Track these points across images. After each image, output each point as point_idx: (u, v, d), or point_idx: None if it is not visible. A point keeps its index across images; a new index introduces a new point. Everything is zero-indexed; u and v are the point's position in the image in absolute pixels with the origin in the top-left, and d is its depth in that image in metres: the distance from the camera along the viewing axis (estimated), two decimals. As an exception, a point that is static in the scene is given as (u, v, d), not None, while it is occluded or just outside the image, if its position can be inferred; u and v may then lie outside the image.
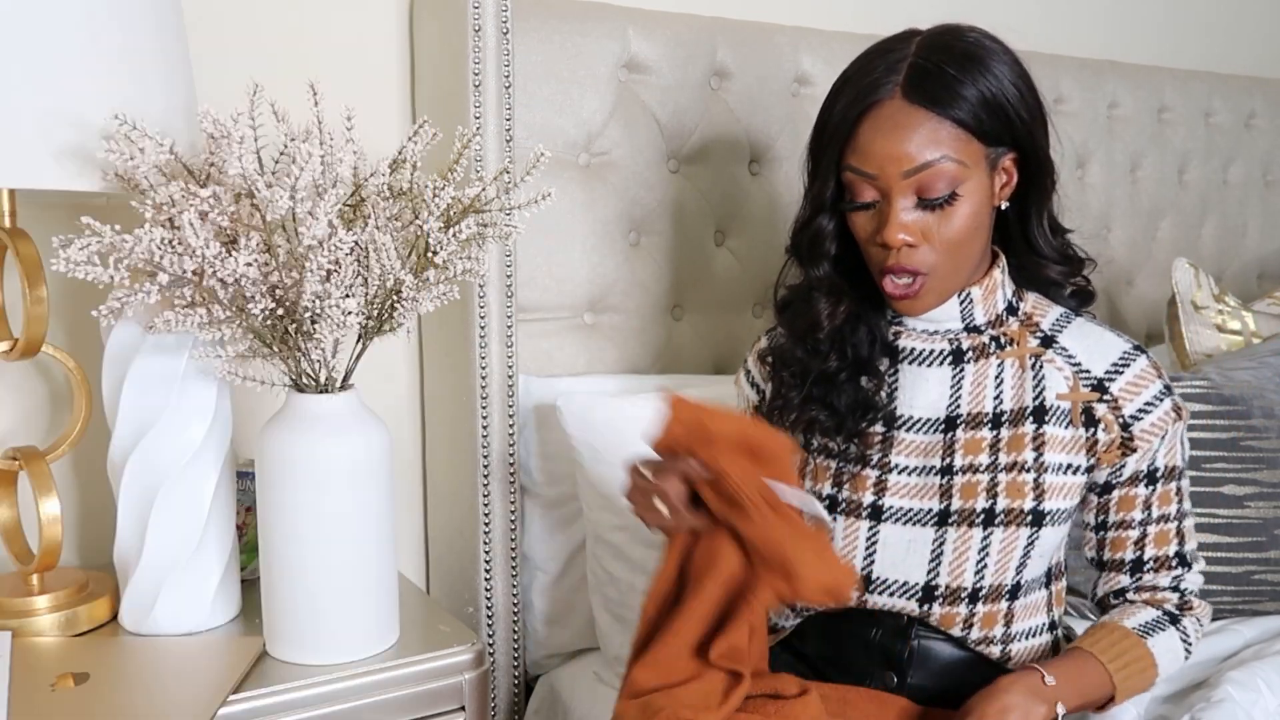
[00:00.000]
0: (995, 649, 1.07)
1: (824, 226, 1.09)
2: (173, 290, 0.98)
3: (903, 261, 1.03)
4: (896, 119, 1.01)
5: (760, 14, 1.62)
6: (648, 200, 1.52)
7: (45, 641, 1.07)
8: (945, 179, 1.00)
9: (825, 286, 1.11)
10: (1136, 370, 1.08)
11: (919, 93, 1.00)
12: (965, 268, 1.07)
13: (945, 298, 1.08)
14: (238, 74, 1.04)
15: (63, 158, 0.99)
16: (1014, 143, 1.05)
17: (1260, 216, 2.31)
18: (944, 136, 1.00)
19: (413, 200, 1.03)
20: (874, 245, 1.05)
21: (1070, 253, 1.13)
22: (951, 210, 1.02)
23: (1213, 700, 1.16)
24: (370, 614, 1.06)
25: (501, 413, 1.36)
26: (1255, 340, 1.75)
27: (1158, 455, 1.09)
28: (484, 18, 1.29)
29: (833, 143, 1.05)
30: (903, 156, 1.00)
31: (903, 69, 1.02)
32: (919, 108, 1.00)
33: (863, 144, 1.02)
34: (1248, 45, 2.39)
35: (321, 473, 1.01)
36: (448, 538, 1.47)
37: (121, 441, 1.07)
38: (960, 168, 1.01)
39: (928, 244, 1.02)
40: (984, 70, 1.02)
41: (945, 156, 1.00)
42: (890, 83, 1.02)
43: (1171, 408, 1.09)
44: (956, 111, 1.00)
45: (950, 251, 1.03)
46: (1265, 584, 1.40)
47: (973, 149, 1.02)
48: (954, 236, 1.02)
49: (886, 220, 1.02)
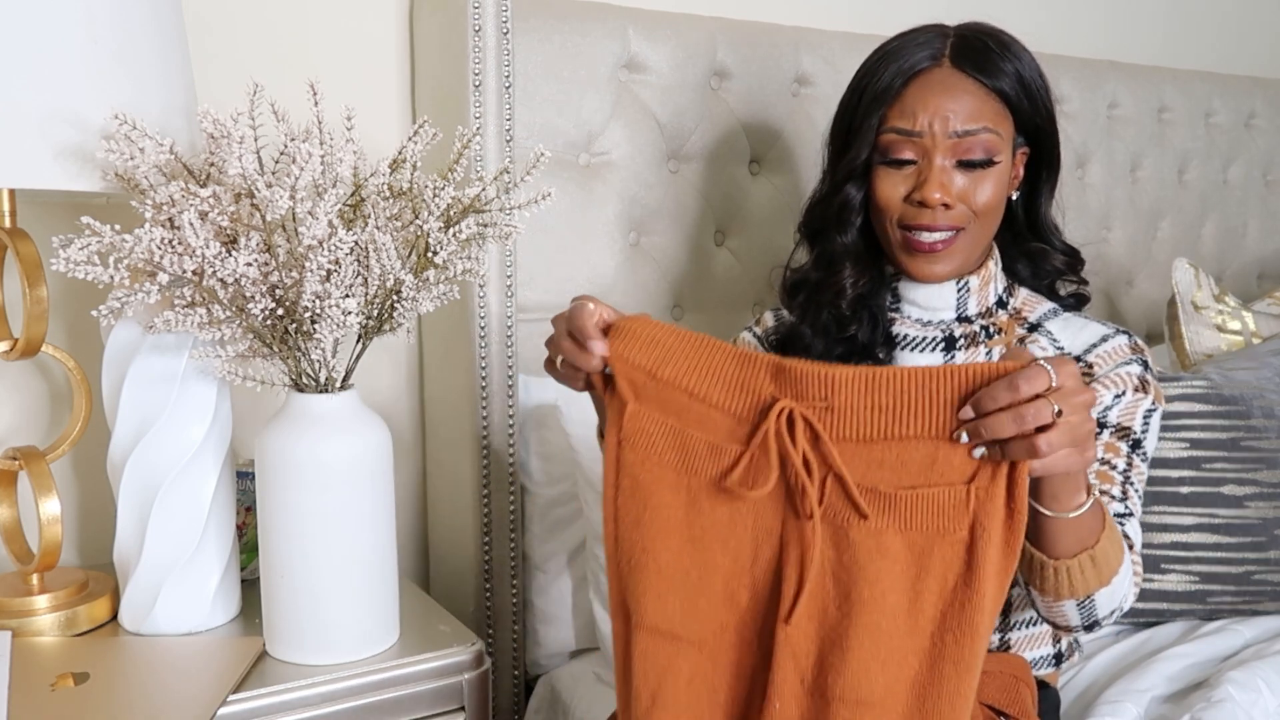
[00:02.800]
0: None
1: (852, 195, 1.12)
2: (173, 290, 0.98)
3: (940, 220, 1.06)
4: (947, 82, 1.06)
5: (760, 14, 1.62)
6: (648, 200, 1.52)
7: (45, 641, 1.07)
8: (985, 147, 1.05)
9: (853, 255, 1.13)
10: (1114, 344, 1.10)
11: (967, 61, 1.06)
12: (983, 243, 1.10)
13: (960, 269, 1.10)
14: (238, 74, 1.05)
15: (63, 158, 0.99)
16: (1034, 134, 1.10)
17: (1260, 216, 2.31)
18: (988, 108, 1.06)
19: (413, 200, 1.03)
20: (906, 204, 1.07)
21: (1073, 248, 1.17)
22: (986, 176, 1.06)
23: (1213, 700, 1.16)
24: (370, 614, 1.06)
25: (501, 413, 1.36)
26: (1255, 340, 1.75)
27: (1109, 411, 1.06)
28: (484, 18, 1.29)
29: (875, 106, 1.08)
30: (951, 116, 1.05)
31: (948, 43, 1.08)
32: (967, 75, 1.06)
33: (910, 104, 1.06)
34: (1248, 45, 2.39)
35: (321, 473, 1.01)
36: (448, 538, 1.47)
37: (121, 441, 1.07)
38: (998, 140, 1.06)
39: (963, 206, 1.06)
40: (1019, 54, 1.08)
41: (987, 127, 1.05)
42: (938, 52, 1.07)
43: (1139, 376, 1.07)
44: (1000, 83, 1.06)
45: (979, 218, 1.07)
46: (1265, 584, 1.40)
47: (1007, 127, 1.07)
48: (984, 204, 1.06)
49: (926, 178, 1.05)
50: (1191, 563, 1.41)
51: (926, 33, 1.09)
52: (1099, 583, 0.91)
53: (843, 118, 1.12)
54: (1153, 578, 1.40)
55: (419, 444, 1.52)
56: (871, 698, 0.73)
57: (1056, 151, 1.12)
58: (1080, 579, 0.90)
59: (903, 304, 1.14)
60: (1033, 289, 1.16)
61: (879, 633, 0.73)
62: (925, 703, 0.72)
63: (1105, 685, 1.24)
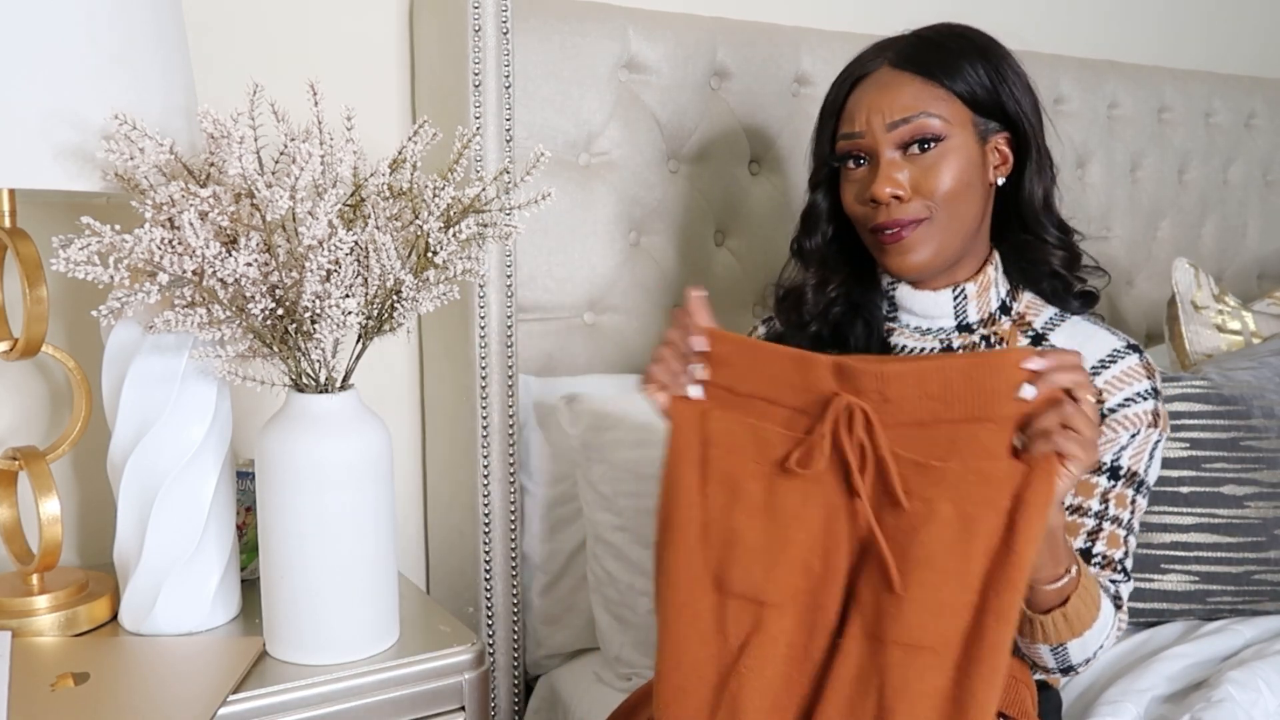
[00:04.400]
0: None
1: (818, 203, 1.16)
2: (173, 290, 0.98)
3: (894, 215, 1.06)
4: (882, 80, 1.08)
5: (760, 14, 1.62)
6: (648, 200, 1.52)
7: (45, 641, 1.07)
8: (924, 130, 1.05)
9: (816, 259, 1.16)
10: (1125, 365, 1.08)
11: (905, 60, 1.08)
12: (961, 229, 1.08)
13: (941, 258, 1.08)
14: (238, 74, 1.04)
15: (63, 158, 0.99)
16: (1006, 121, 1.09)
17: (1260, 216, 2.31)
18: (927, 96, 1.06)
19: (413, 200, 1.03)
20: (866, 206, 1.09)
21: (1071, 242, 1.14)
22: (939, 161, 1.05)
23: (1213, 700, 1.15)
24: (370, 614, 1.06)
25: (501, 413, 1.36)
26: (1255, 340, 1.75)
27: (1123, 453, 1.07)
28: (484, 18, 1.29)
29: (828, 119, 1.12)
30: (885, 109, 1.06)
31: (893, 47, 1.10)
32: (904, 72, 1.07)
33: (851, 109, 1.09)
34: (1248, 45, 2.39)
35: (321, 473, 1.01)
36: (448, 538, 1.47)
37: (121, 441, 1.07)
38: (943, 123, 1.06)
39: (918, 198, 1.06)
40: (972, 43, 1.09)
41: (926, 112, 1.05)
42: (880, 58, 1.10)
43: (1152, 411, 1.07)
44: (941, 75, 1.06)
45: (943, 205, 1.06)
46: (1265, 584, 1.40)
47: (956, 109, 1.07)
48: (944, 190, 1.05)
49: (874, 175, 1.06)
50: (1191, 563, 1.41)
51: (883, 43, 1.11)
52: (1071, 634, 0.99)
53: (814, 136, 1.16)
54: (1153, 578, 1.40)
55: (419, 444, 1.52)
56: (924, 642, 0.83)
57: (1033, 133, 1.10)
58: (1053, 629, 0.98)
59: (900, 313, 1.14)
60: (1036, 292, 1.14)
61: (930, 587, 0.84)
62: (970, 649, 0.83)
63: (1105, 685, 1.23)
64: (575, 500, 1.43)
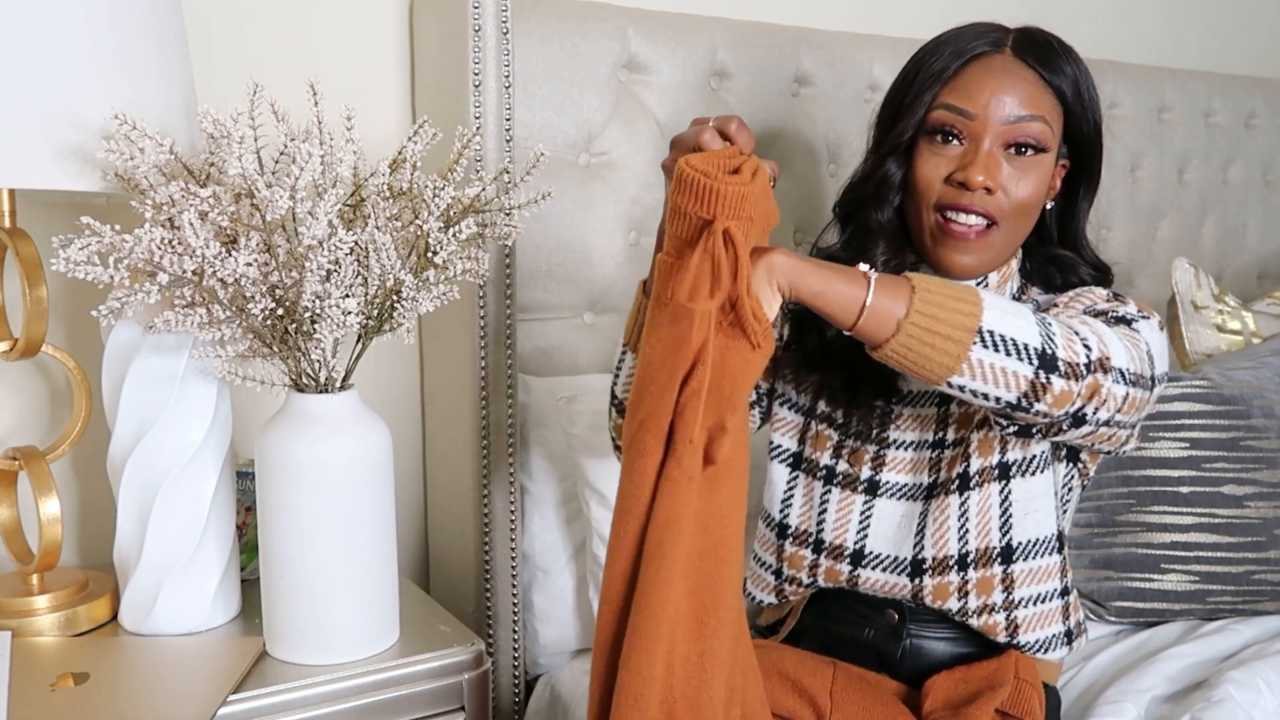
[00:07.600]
0: (998, 617, 1.07)
1: (891, 172, 1.10)
2: (173, 290, 0.98)
3: (977, 203, 1.04)
4: (1008, 67, 1.06)
5: (760, 14, 1.62)
6: (648, 200, 1.52)
7: (45, 641, 1.07)
8: (1037, 135, 1.04)
9: (888, 233, 1.11)
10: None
11: (1029, 52, 1.06)
12: (1013, 245, 1.08)
13: (988, 267, 1.08)
14: (238, 74, 1.05)
15: (63, 158, 0.99)
16: (1079, 145, 1.09)
17: (1260, 216, 2.31)
18: (1045, 101, 1.05)
19: (413, 200, 1.03)
20: (946, 185, 1.05)
21: (1102, 262, 1.15)
22: (1031, 169, 1.05)
23: (1213, 700, 1.16)
24: (370, 614, 1.06)
25: (501, 413, 1.36)
26: (1255, 340, 1.75)
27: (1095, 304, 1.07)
28: (484, 18, 1.29)
29: (930, 84, 1.07)
30: (1008, 101, 1.04)
31: (1010, 35, 1.08)
32: (1028, 65, 1.06)
33: (968, 84, 1.06)
34: (1248, 45, 2.39)
35: (321, 473, 1.01)
36: (448, 538, 1.47)
37: (121, 441, 1.07)
38: (1048, 133, 1.05)
39: (1003, 195, 1.04)
40: (1077, 61, 1.08)
41: (1042, 118, 1.04)
42: (999, 41, 1.07)
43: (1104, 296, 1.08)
44: (1058, 80, 1.06)
45: (1016, 213, 1.05)
46: (1265, 584, 1.40)
47: (1058, 125, 1.07)
48: (1024, 198, 1.05)
49: (972, 160, 1.04)
50: (1191, 563, 1.41)
51: (986, 26, 1.08)
52: (953, 325, 0.86)
53: (894, 97, 1.11)
54: (1152, 577, 1.41)
55: (419, 444, 1.52)
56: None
57: (1098, 165, 1.11)
58: (925, 335, 0.86)
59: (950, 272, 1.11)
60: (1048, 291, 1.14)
61: None
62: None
63: (1105, 685, 1.24)
64: (575, 500, 1.43)
